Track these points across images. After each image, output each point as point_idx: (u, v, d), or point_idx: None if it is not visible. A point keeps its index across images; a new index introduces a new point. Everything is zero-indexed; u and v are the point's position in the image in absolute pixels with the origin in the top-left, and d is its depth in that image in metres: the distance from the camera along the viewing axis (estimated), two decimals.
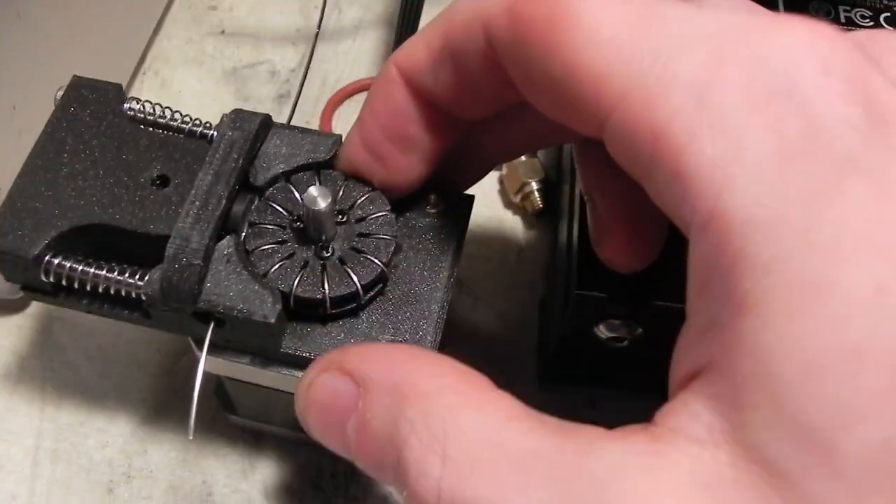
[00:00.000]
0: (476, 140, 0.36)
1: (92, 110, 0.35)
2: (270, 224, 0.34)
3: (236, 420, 0.44)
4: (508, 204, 0.52)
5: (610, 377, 0.44)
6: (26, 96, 0.44)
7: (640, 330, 0.39)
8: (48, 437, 0.44)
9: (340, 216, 0.34)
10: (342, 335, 0.33)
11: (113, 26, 0.52)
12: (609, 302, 0.37)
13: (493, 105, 0.32)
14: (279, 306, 0.32)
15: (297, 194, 0.34)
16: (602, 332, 0.39)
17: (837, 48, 0.23)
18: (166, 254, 0.31)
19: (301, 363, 0.33)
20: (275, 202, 0.34)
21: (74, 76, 0.36)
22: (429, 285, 0.35)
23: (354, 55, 0.59)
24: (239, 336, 0.33)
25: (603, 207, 0.35)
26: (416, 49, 0.32)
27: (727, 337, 0.23)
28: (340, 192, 0.35)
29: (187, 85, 0.57)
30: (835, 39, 0.23)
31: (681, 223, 0.25)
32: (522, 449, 0.25)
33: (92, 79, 0.36)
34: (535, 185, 0.50)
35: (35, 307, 0.48)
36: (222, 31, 0.59)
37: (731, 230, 0.23)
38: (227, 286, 0.32)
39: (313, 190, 0.32)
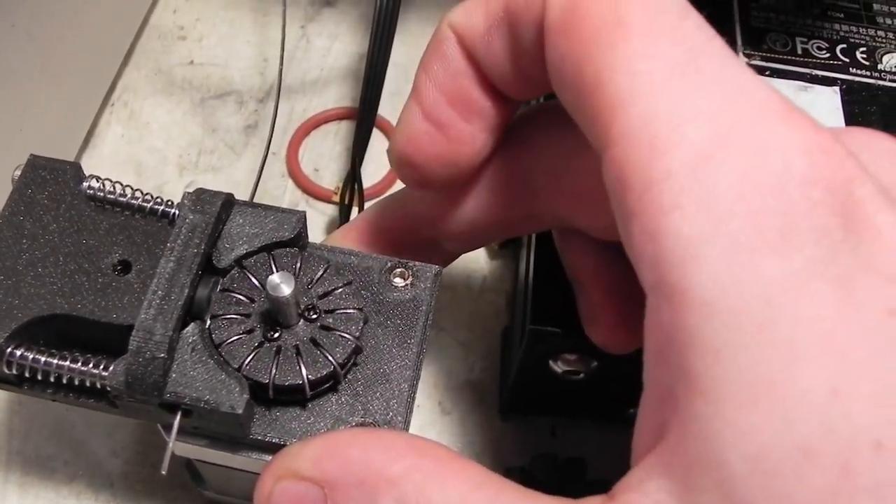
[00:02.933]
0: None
1: (50, 192, 0.34)
2: (234, 315, 0.33)
3: (208, 493, 0.44)
4: None
5: (570, 407, 0.45)
6: None
7: (594, 363, 0.40)
8: (16, 470, 0.45)
9: (304, 297, 0.34)
10: (311, 418, 0.33)
11: (81, 58, 0.52)
12: (563, 337, 0.38)
13: (539, 88, 0.31)
14: (246, 395, 0.31)
15: (254, 280, 0.34)
16: (558, 366, 0.40)
17: (831, 160, 0.24)
18: (129, 347, 0.31)
19: (271, 448, 0.32)
20: (234, 292, 0.33)
21: (31, 155, 0.35)
22: (398, 363, 0.34)
23: (322, 84, 0.59)
24: (206, 424, 0.32)
25: (592, 293, 0.35)
26: (474, 10, 0.31)
27: (681, 414, 0.24)
28: (299, 268, 0.34)
29: (155, 116, 0.58)
30: (830, 151, 0.24)
31: (644, 281, 0.25)
32: None
33: (50, 158, 0.35)
34: None
35: None
36: (191, 62, 0.60)
37: (691, 309, 0.23)
38: (193, 376, 0.31)
39: (275, 277, 0.31)
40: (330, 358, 0.32)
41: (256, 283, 0.33)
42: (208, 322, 0.33)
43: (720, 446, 0.23)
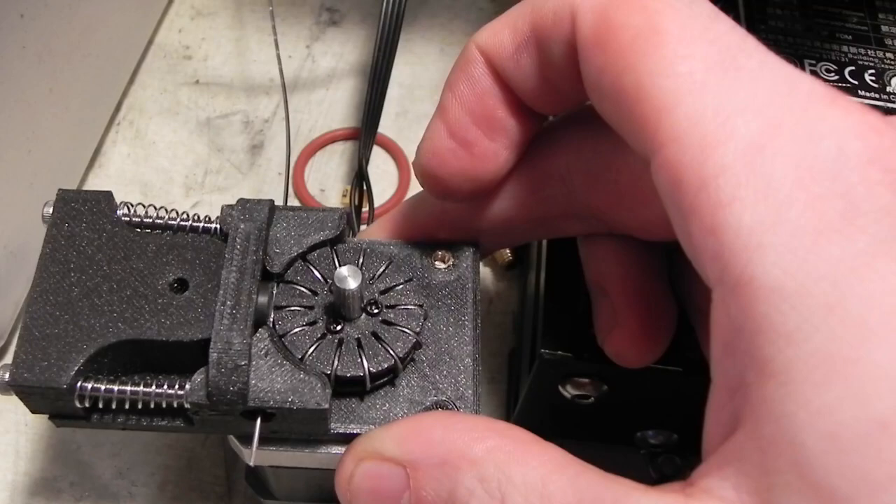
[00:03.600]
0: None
1: (87, 223, 0.35)
2: (298, 307, 0.34)
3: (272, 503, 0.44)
4: None
5: (578, 431, 0.45)
6: (0, 154, 0.44)
7: (605, 387, 0.40)
8: (23, 491, 0.45)
9: (365, 293, 0.34)
10: (387, 405, 0.34)
11: (88, 78, 0.52)
12: (574, 361, 0.38)
13: (569, 101, 0.32)
14: (329, 390, 0.32)
15: (317, 272, 0.34)
16: (567, 391, 0.40)
17: (884, 140, 0.24)
18: (210, 359, 0.31)
19: (350, 440, 0.32)
20: (298, 283, 0.34)
21: (60, 190, 0.35)
22: (457, 340, 0.35)
23: (328, 104, 0.59)
24: (288, 425, 0.32)
25: (615, 299, 0.35)
26: (501, 31, 0.31)
27: (753, 400, 0.24)
28: (361, 262, 0.35)
29: (161, 136, 0.58)
30: (883, 132, 0.24)
31: (707, 278, 0.25)
32: (567, 500, 0.26)
33: (79, 190, 0.35)
34: None
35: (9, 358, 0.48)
36: (196, 81, 0.60)
37: (759, 296, 0.23)
38: (273, 380, 0.32)
39: (343, 270, 0.32)
40: (391, 352, 0.33)
41: (318, 275, 0.34)
42: (273, 324, 0.33)
43: (795, 427, 0.23)
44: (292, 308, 0.34)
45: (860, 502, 0.22)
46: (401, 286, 0.35)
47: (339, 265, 0.35)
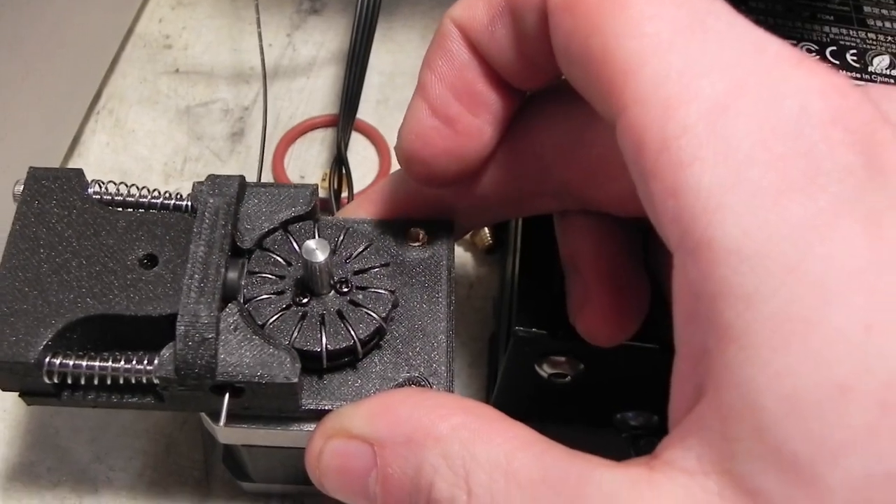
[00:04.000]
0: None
1: (57, 200, 0.34)
2: (268, 275, 0.34)
3: (250, 486, 0.44)
4: (459, 241, 0.52)
5: (557, 413, 0.45)
6: None
7: (581, 366, 0.39)
8: (0, 475, 0.45)
9: (336, 270, 0.34)
10: (358, 381, 0.33)
11: (65, 67, 0.52)
12: (549, 339, 0.38)
13: (545, 75, 0.31)
14: (299, 364, 0.32)
15: (295, 245, 0.34)
16: (544, 370, 0.40)
17: (849, 101, 0.24)
18: (177, 332, 0.31)
19: (321, 416, 0.32)
20: (273, 253, 0.34)
21: (30, 168, 0.35)
22: (430, 317, 0.35)
23: (308, 93, 0.59)
24: (258, 401, 0.32)
25: (586, 276, 0.35)
26: (475, 3, 0.31)
27: (714, 368, 0.24)
28: (340, 241, 0.35)
29: (141, 124, 0.57)
30: (847, 93, 0.24)
31: (668, 242, 0.25)
32: (532, 477, 0.26)
33: (49, 168, 0.35)
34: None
35: None
36: (176, 70, 0.60)
37: (718, 259, 0.23)
38: (241, 354, 0.31)
39: (311, 242, 0.32)
40: (373, 315, 0.33)
41: (295, 249, 0.34)
42: (243, 300, 0.33)
43: (755, 391, 0.23)
44: (263, 274, 0.34)
45: (820, 467, 0.22)
46: (376, 269, 0.35)
47: (297, 244, 0.34)
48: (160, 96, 0.59)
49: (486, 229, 0.51)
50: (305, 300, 0.33)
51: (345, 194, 0.50)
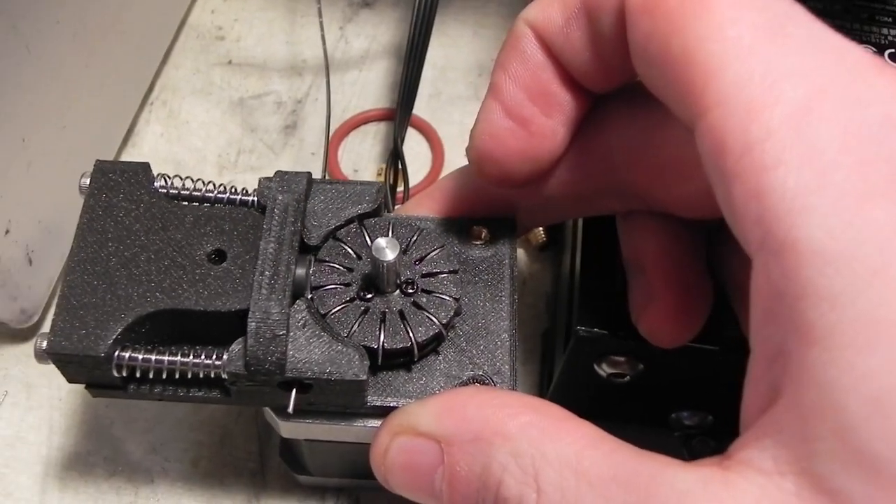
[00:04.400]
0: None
1: (125, 193, 0.35)
2: (335, 285, 0.34)
3: (307, 480, 0.44)
4: None
5: (612, 412, 0.44)
6: (36, 128, 0.45)
7: (641, 366, 0.39)
8: (56, 465, 0.45)
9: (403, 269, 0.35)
10: (423, 379, 0.34)
11: (122, 56, 0.52)
12: (610, 339, 0.38)
13: (620, 76, 0.32)
14: (367, 362, 0.32)
15: (349, 249, 0.35)
16: (603, 369, 0.40)
17: None
18: (248, 329, 0.31)
19: (386, 413, 0.32)
20: (332, 262, 0.34)
21: (97, 161, 0.35)
22: (494, 315, 0.35)
23: (361, 85, 0.59)
24: (325, 397, 0.33)
25: (650, 276, 0.35)
26: (550, 4, 0.31)
27: (794, 368, 0.24)
28: (390, 235, 0.35)
29: (194, 115, 0.58)
30: None
31: (747, 243, 0.25)
32: (602, 475, 0.26)
33: (116, 161, 0.36)
34: None
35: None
36: (229, 62, 0.60)
37: (802, 260, 0.23)
38: (310, 351, 0.32)
39: (381, 241, 0.32)
40: (434, 320, 0.33)
41: (351, 253, 0.34)
42: (310, 296, 0.33)
43: (838, 392, 0.23)
44: (331, 264, 0.34)
45: None
46: (444, 275, 0.35)
47: (370, 239, 0.35)
48: (213, 88, 0.59)
49: (541, 227, 0.50)
50: (370, 296, 0.34)
51: (400, 189, 0.50)
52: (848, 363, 0.22)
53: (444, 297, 0.34)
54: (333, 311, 0.33)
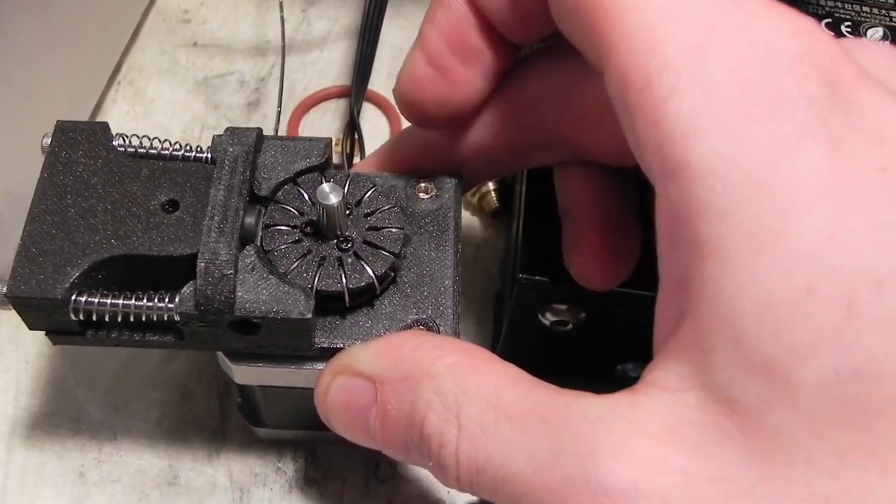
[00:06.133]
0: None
1: (84, 150, 0.36)
2: (284, 225, 0.35)
3: (264, 433, 0.45)
4: (466, 204, 0.54)
5: (559, 365, 0.46)
6: (1, 105, 0.46)
7: (582, 314, 0.41)
8: (23, 424, 0.46)
9: (348, 212, 0.36)
10: (368, 322, 0.35)
11: (89, 37, 0.54)
12: (551, 286, 0.39)
13: (540, 28, 0.33)
14: (312, 302, 0.33)
15: (305, 195, 0.36)
16: (547, 317, 0.41)
17: (816, 40, 0.26)
18: (198, 269, 0.33)
19: (333, 356, 0.34)
20: (286, 204, 0.36)
21: (58, 122, 0.37)
22: (438, 264, 0.36)
23: (322, 66, 0.61)
24: (273, 339, 0.34)
25: (579, 222, 0.37)
26: None
27: (694, 287, 0.25)
28: (346, 189, 0.36)
29: (160, 94, 0.59)
30: (815, 34, 0.26)
31: (650, 172, 0.27)
32: (520, 410, 0.28)
33: (76, 121, 0.37)
34: (491, 186, 0.52)
35: None
36: (195, 43, 0.62)
37: (695, 179, 0.25)
38: (258, 292, 0.33)
39: (325, 186, 0.34)
40: (369, 270, 0.35)
41: (307, 197, 0.36)
42: (260, 241, 0.35)
43: (730, 301, 0.24)
44: (279, 227, 0.35)
45: (791, 368, 0.23)
46: (385, 210, 0.36)
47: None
48: (179, 68, 0.60)
49: (493, 193, 0.52)
50: (322, 246, 0.35)
51: (357, 159, 0.51)
52: (737, 271, 0.24)
53: (391, 228, 0.36)
54: (292, 267, 0.34)
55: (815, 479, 0.24)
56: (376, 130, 0.57)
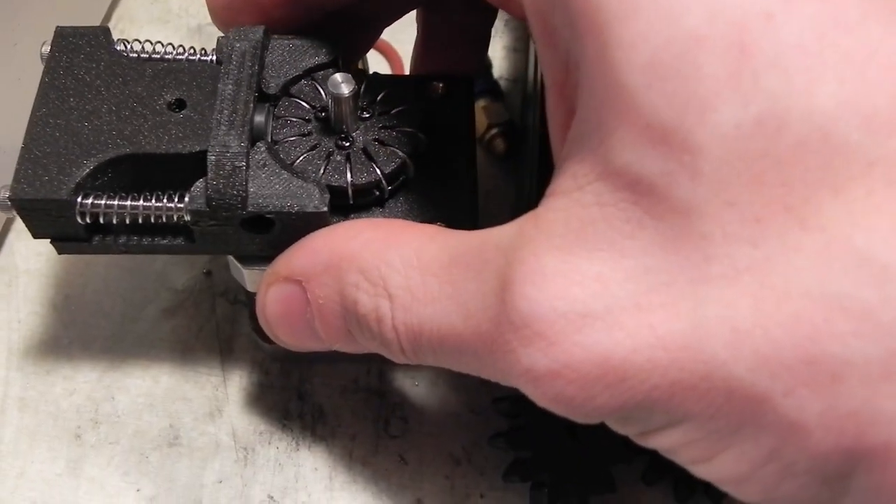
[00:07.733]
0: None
1: (85, 54, 0.35)
2: (295, 118, 0.34)
3: (274, 350, 0.43)
4: None
5: None
6: None
7: None
8: (15, 385, 0.44)
9: (363, 112, 0.35)
10: None
11: None
12: None
13: None
14: (327, 195, 0.32)
15: (321, 90, 0.35)
16: None
17: None
18: (208, 162, 0.31)
19: None
20: (299, 98, 0.35)
21: (57, 27, 0.36)
22: (454, 165, 0.36)
23: None
24: (287, 237, 0.32)
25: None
26: None
27: (577, 75, 0.24)
28: (362, 88, 0.35)
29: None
30: None
31: None
32: (441, 263, 0.27)
33: (76, 26, 0.36)
34: (499, 129, 0.51)
35: (3, 260, 0.48)
36: None
37: None
38: (271, 187, 0.32)
39: (338, 76, 0.33)
40: (376, 168, 0.34)
41: (316, 98, 0.35)
42: (270, 134, 0.34)
43: (614, 70, 0.22)
44: (289, 118, 0.34)
45: (689, 128, 0.22)
46: (398, 111, 0.35)
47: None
48: (171, 16, 0.58)
49: (500, 137, 0.50)
50: (332, 139, 0.34)
51: None
52: (616, 38, 0.22)
53: (405, 129, 0.35)
54: (299, 159, 0.34)
55: (735, 252, 0.22)
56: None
